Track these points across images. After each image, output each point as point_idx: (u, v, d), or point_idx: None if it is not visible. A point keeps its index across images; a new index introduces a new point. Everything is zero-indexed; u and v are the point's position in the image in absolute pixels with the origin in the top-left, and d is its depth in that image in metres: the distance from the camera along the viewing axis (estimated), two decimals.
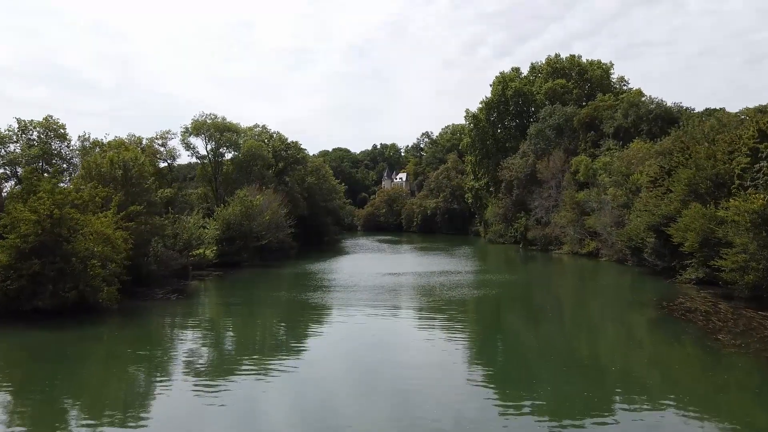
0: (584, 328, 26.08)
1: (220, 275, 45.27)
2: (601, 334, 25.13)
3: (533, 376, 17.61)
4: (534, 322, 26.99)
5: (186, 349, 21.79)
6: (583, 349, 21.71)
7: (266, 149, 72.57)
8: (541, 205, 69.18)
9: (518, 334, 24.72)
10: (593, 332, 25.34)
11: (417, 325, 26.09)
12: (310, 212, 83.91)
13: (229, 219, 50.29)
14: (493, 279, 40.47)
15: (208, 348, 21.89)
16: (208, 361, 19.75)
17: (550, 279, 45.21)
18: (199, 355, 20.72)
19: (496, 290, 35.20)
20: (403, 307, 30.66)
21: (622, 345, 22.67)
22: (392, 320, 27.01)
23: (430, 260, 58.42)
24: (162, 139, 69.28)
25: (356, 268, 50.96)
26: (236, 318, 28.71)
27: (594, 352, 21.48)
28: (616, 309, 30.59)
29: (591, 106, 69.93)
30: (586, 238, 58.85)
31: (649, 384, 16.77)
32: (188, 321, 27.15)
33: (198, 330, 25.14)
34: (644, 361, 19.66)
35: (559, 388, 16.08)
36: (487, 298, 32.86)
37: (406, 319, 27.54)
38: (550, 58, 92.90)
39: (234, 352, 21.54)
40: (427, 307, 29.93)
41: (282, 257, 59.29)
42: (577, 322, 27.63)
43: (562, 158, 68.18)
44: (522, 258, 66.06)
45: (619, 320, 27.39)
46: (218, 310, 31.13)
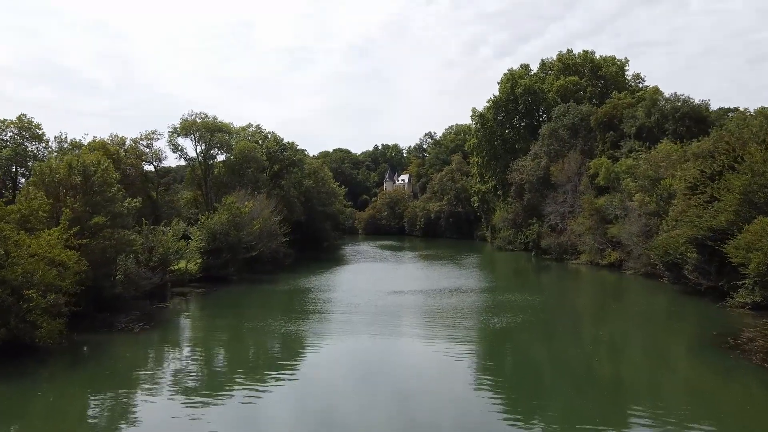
0: (643, 387, 19.15)
1: (204, 292, 40.39)
2: (667, 396, 18.07)
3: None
4: (571, 373, 21.81)
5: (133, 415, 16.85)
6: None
7: (260, 151, 67.66)
8: (555, 210, 64.17)
9: (558, 391, 19.59)
10: (655, 393, 18.45)
11: (433, 368, 21.13)
12: (308, 217, 79.01)
13: (215, 229, 45.37)
14: (512, 300, 35.32)
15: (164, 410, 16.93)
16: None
17: (576, 300, 39.59)
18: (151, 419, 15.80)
19: (519, 318, 29.87)
20: (414, 340, 25.67)
21: (703, 416, 16.19)
22: (403, 365, 22.05)
23: (436, 273, 53.40)
24: (147, 139, 64.53)
25: (356, 283, 46.05)
26: (203, 366, 21.98)
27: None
28: (671, 348, 25.38)
29: (609, 104, 64.94)
30: (608, 248, 53.84)
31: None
32: (139, 370, 21.40)
33: (152, 383, 19.99)
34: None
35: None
36: (511, 331, 27.51)
37: (418, 360, 22.57)
38: (562, 54, 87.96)
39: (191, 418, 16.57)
40: (441, 341, 24.98)
41: (275, 269, 54.36)
42: (630, 375, 20.92)
43: (578, 160, 63.17)
44: (535, 268, 61.04)
45: (680, 368, 21.75)
46: (185, 350, 25.24)
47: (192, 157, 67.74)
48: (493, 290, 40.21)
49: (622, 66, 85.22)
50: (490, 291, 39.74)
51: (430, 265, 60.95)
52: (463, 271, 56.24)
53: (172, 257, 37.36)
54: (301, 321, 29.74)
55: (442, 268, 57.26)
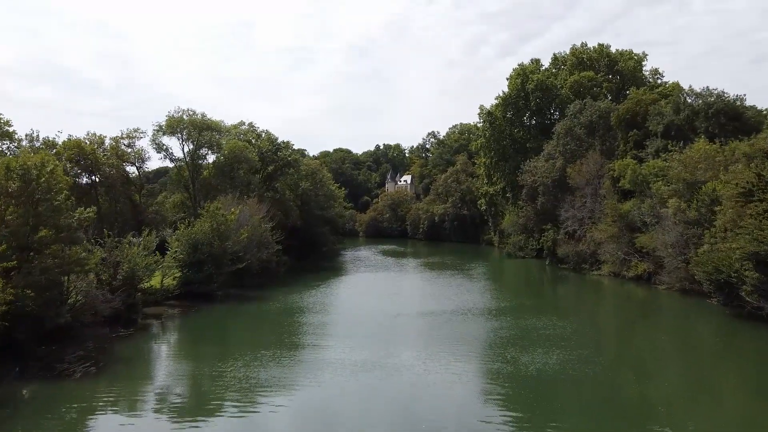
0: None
1: (181, 313, 35.25)
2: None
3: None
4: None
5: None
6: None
7: (251, 151, 62.45)
8: (572, 216, 58.92)
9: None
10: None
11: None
12: (305, 222, 73.87)
13: (196, 239, 40.19)
14: (539, 327, 29.59)
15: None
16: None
17: (613, 325, 33.89)
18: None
19: (553, 355, 24.05)
20: (428, 390, 20.42)
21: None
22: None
23: (445, 286, 48.13)
24: (129, 138, 59.51)
25: (355, 301, 40.85)
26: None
27: None
28: (736, 392, 20.29)
29: (631, 99, 59.67)
30: (634, 259, 48.61)
31: None
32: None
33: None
34: None
35: None
36: (548, 376, 21.95)
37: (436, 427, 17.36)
38: (575, 48, 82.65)
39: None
40: (464, 390, 19.75)
41: (267, 281, 49.10)
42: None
43: (598, 161, 57.93)
44: (552, 280, 55.84)
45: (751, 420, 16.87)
46: (128, 411, 18.32)
47: (178, 158, 62.66)
48: (513, 311, 34.84)
49: (640, 60, 79.90)
50: (510, 313, 34.40)
51: (436, 277, 55.66)
52: (474, 283, 51.06)
53: (142, 274, 32.17)
54: (288, 361, 24.47)
55: (451, 280, 52.00)
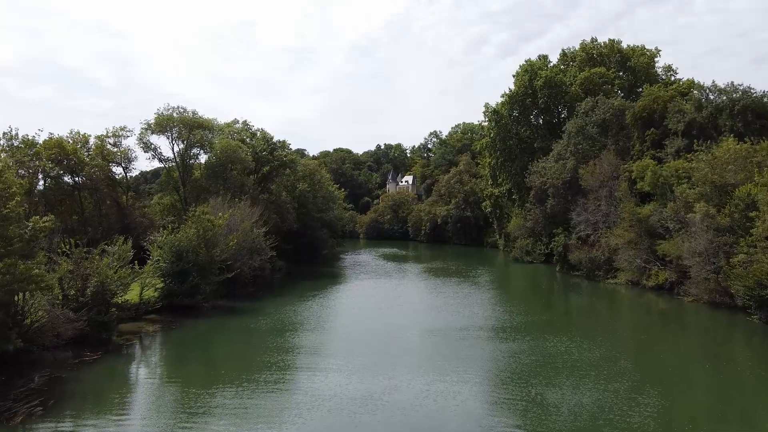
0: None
1: (160, 330, 31.87)
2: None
3: None
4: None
5: None
6: None
7: (245, 150, 59.03)
8: (586, 220, 55.44)
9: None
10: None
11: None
12: (302, 225, 70.61)
13: (180, 246, 36.78)
14: (563, 352, 26.14)
15: None
16: None
17: (642, 345, 29.48)
18: None
19: (586, 394, 20.92)
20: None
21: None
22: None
23: (449, 297, 44.62)
24: (115, 137, 56.21)
25: (353, 315, 37.36)
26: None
27: None
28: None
29: (648, 96, 56.16)
30: (654, 267, 45.16)
31: None
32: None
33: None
34: None
35: None
36: (583, 427, 18.56)
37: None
38: (585, 43, 79.15)
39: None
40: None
41: (260, 291, 45.81)
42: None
43: (612, 162, 54.46)
44: (565, 289, 52.40)
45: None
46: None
47: (168, 158, 59.27)
48: (530, 329, 31.26)
49: (653, 56, 76.39)
50: (526, 331, 30.84)
51: (441, 285, 52.16)
52: (482, 293, 47.71)
53: (114, 288, 28.76)
54: (274, 396, 21.06)
55: (457, 289, 48.56)
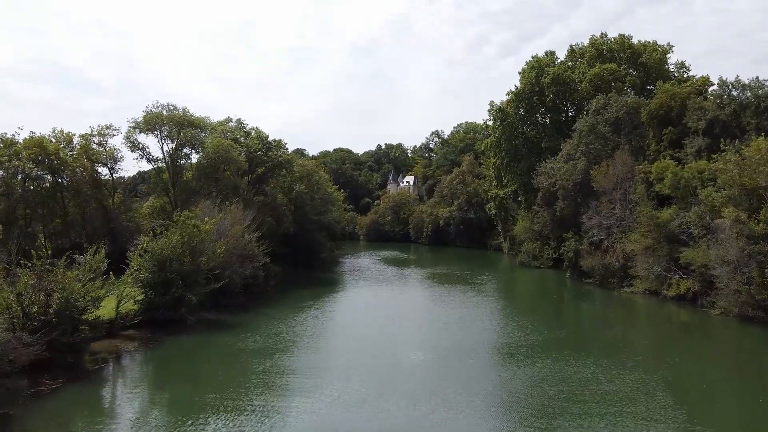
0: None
1: (138, 348, 28.80)
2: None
3: None
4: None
5: None
6: None
7: (237, 150, 55.94)
8: (598, 224, 52.28)
9: None
10: None
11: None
12: (300, 228, 67.47)
13: (162, 254, 33.67)
14: (587, 376, 22.92)
15: None
16: None
17: (678, 367, 25.35)
18: None
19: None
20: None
21: None
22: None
23: (455, 308, 41.44)
24: (100, 135, 53.08)
25: (352, 329, 34.22)
26: None
27: None
28: None
29: (666, 93, 53.01)
30: (675, 276, 42.02)
31: None
32: None
33: None
34: None
35: None
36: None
37: None
38: (595, 38, 75.95)
39: None
40: None
41: (251, 300, 42.68)
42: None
43: (627, 162, 51.33)
44: (577, 297, 49.31)
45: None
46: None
47: (157, 158, 56.19)
48: (548, 349, 27.93)
49: (665, 52, 73.19)
50: (545, 351, 27.55)
51: (445, 294, 48.98)
52: (491, 303, 44.66)
53: (82, 304, 25.64)
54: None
55: (463, 298, 45.43)
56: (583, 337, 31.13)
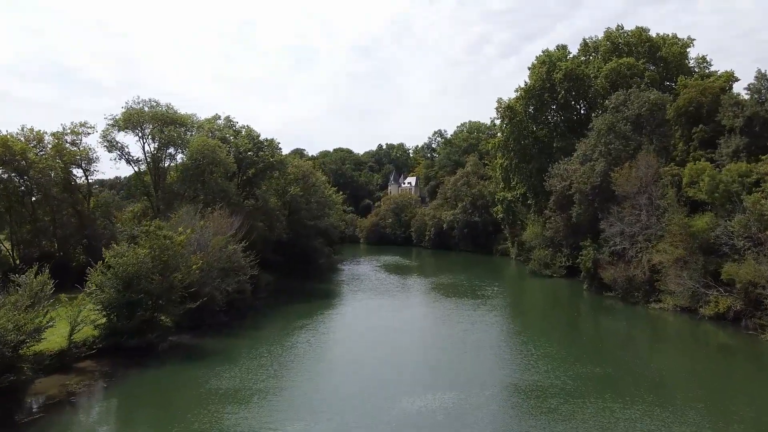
0: None
1: (90, 387, 24.13)
2: None
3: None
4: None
5: None
6: None
7: (225, 150, 51.28)
8: (621, 232, 47.54)
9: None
10: None
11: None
12: (294, 233, 62.96)
13: (128, 271, 29.00)
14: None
15: None
16: None
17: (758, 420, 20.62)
18: None
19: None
20: None
21: None
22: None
23: (464, 330, 36.83)
24: (74, 134, 48.52)
25: (348, 360, 29.36)
26: None
27: None
28: None
29: (695, 87, 48.28)
30: (713, 292, 37.28)
31: None
32: None
33: None
34: None
35: None
36: None
37: None
38: (610, 31, 71.11)
39: None
40: None
41: (236, 318, 38.09)
42: None
43: (653, 164, 46.65)
44: (599, 313, 44.65)
45: None
46: None
47: (137, 158, 51.61)
48: (586, 391, 23.06)
49: (685, 46, 68.46)
50: (582, 395, 22.69)
51: (453, 311, 44.13)
52: (506, 324, 40.11)
53: (14, 338, 20.94)
54: None
55: (472, 317, 40.72)
56: (623, 372, 26.31)
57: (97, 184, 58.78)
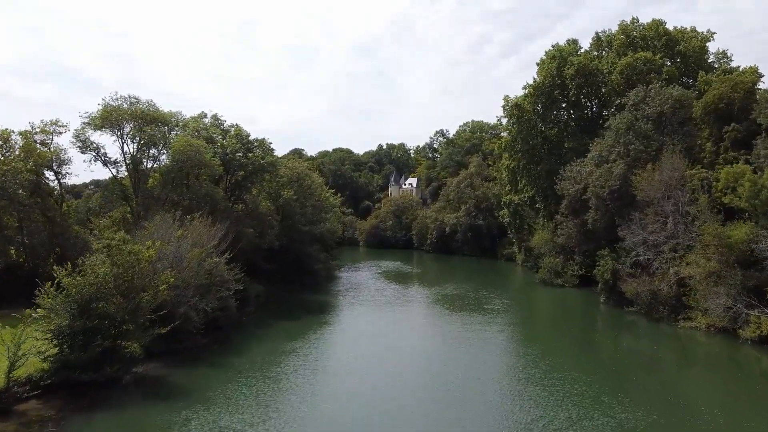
0: None
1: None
2: None
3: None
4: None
5: None
6: None
7: (210, 151, 47.07)
8: (643, 241, 43.34)
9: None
10: None
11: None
12: (288, 240, 58.76)
13: (84, 294, 24.80)
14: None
15: None
16: None
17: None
18: None
19: None
20: None
21: None
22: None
23: (473, 357, 32.71)
24: (44, 133, 44.28)
25: (337, 414, 25.13)
26: None
27: None
28: None
29: (726, 82, 44.05)
30: (754, 312, 33.09)
31: None
32: None
33: None
34: None
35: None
36: None
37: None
38: (625, 24, 66.85)
39: None
40: None
41: (219, 338, 33.94)
42: None
43: (680, 167, 42.48)
44: (618, 329, 40.51)
45: None
46: None
47: (115, 160, 47.33)
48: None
49: (705, 40, 64.27)
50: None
51: (460, 330, 39.83)
52: (521, 347, 35.95)
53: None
54: None
55: (482, 340, 36.54)
56: (671, 418, 22.02)
57: (80, 189, 54.39)
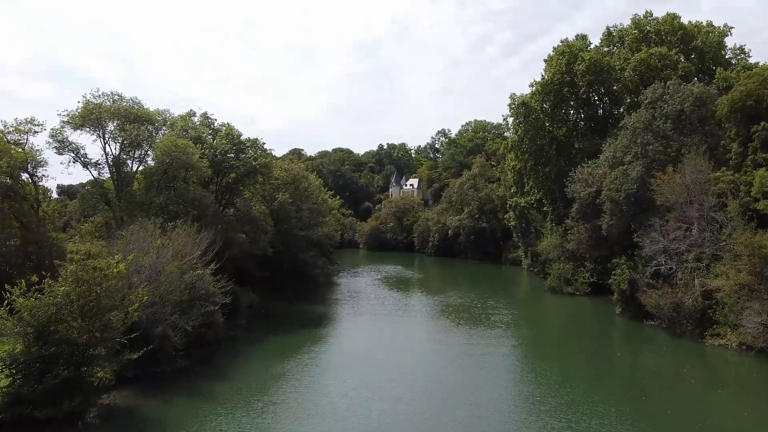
0: None
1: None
2: None
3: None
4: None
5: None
6: None
7: (197, 152, 43.87)
8: (664, 249, 40.12)
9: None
10: None
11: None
12: (283, 245, 55.69)
13: (41, 317, 21.62)
14: None
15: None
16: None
17: None
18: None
19: None
20: None
21: None
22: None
23: (479, 378, 29.53)
24: (18, 132, 41.07)
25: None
26: None
27: None
28: None
29: (752, 78, 40.85)
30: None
31: None
32: None
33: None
34: None
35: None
36: None
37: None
38: (638, 18, 63.71)
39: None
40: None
41: (202, 358, 30.81)
42: None
43: (704, 169, 39.27)
44: (638, 345, 37.33)
45: None
46: None
47: (96, 161, 44.16)
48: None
49: (723, 35, 61.19)
50: None
51: (466, 346, 36.67)
52: (535, 366, 32.74)
53: None
54: None
55: (493, 358, 33.36)
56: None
57: (76, 189, 51.00)
